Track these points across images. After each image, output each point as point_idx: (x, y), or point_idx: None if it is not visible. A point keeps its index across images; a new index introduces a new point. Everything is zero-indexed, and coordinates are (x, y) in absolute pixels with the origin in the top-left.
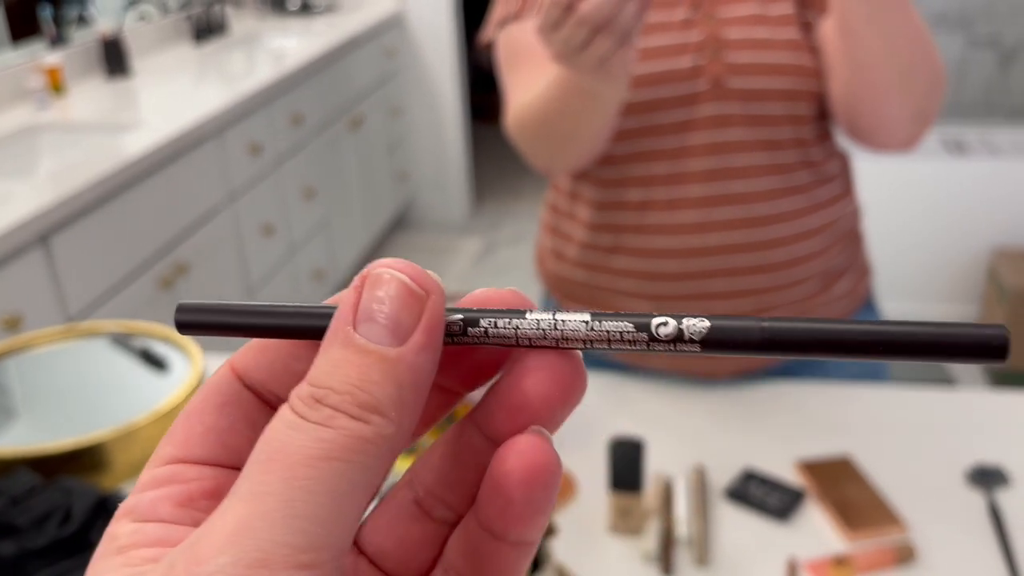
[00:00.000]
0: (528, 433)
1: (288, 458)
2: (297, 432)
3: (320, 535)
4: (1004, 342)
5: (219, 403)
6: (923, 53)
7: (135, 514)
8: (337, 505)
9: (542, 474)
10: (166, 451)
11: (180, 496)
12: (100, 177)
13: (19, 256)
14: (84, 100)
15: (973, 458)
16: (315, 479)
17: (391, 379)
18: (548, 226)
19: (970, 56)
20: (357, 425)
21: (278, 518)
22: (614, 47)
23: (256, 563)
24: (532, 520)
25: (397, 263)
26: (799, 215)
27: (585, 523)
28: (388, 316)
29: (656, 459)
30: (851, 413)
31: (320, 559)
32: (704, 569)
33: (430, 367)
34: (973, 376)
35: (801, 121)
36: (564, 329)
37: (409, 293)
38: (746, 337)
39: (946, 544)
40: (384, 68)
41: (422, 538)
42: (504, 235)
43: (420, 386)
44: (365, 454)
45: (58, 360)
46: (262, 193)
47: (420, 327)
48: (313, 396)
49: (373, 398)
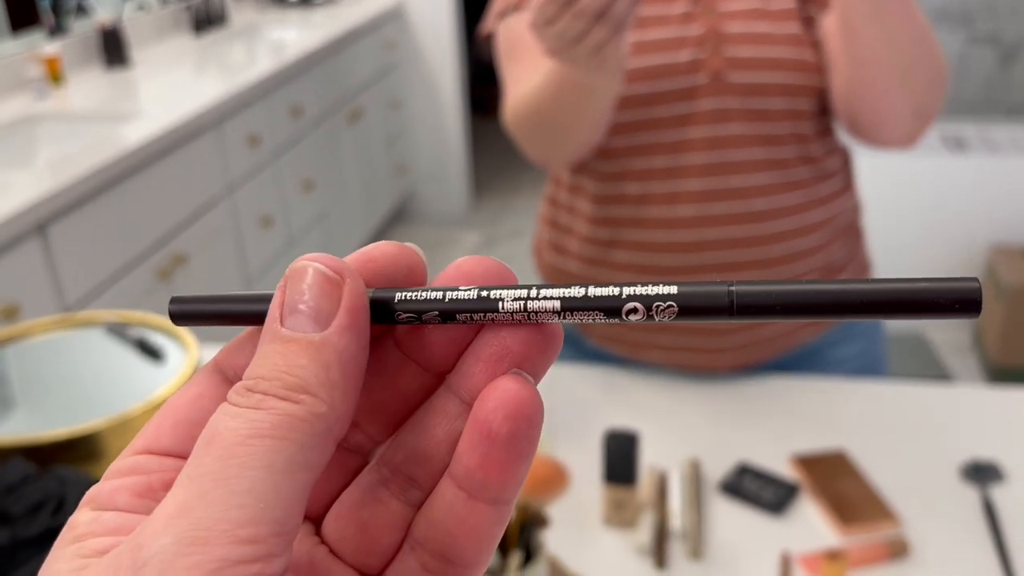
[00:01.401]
0: (509, 374)
1: (223, 441)
2: (231, 418)
3: (259, 510)
4: (977, 295)
5: (194, 395)
6: (925, 50)
7: (95, 503)
8: (274, 480)
9: (526, 408)
10: (136, 442)
11: (139, 486)
12: (98, 167)
13: (16, 245)
14: (83, 90)
15: (968, 454)
16: (249, 455)
17: (317, 361)
18: (547, 219)
19: (970, 53)
20: (286, 404)
21: (215, 497)
22: (608, 36)
23: (196, 541)
24: (514, 468)
25: (315, 255)
26: (798, 210)
27: (579, 515)
28: (309, 305)
29: (651, 452)
30: (846, 408)
31: (260, 534)
32: (697, 562)
33: (356, 347)
34: (970, 372)
35: (801, 116)
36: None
37: (326, 280)
38: (716, 303)
39: (940, 539)
40: (384, 60)
41: (387, 522)
42: (503, 229)
43: (347, 365)
44: (299, 431)
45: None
46: (261, 185)
47: (340, 310)
48: (245, 386)
49: (301, 380)
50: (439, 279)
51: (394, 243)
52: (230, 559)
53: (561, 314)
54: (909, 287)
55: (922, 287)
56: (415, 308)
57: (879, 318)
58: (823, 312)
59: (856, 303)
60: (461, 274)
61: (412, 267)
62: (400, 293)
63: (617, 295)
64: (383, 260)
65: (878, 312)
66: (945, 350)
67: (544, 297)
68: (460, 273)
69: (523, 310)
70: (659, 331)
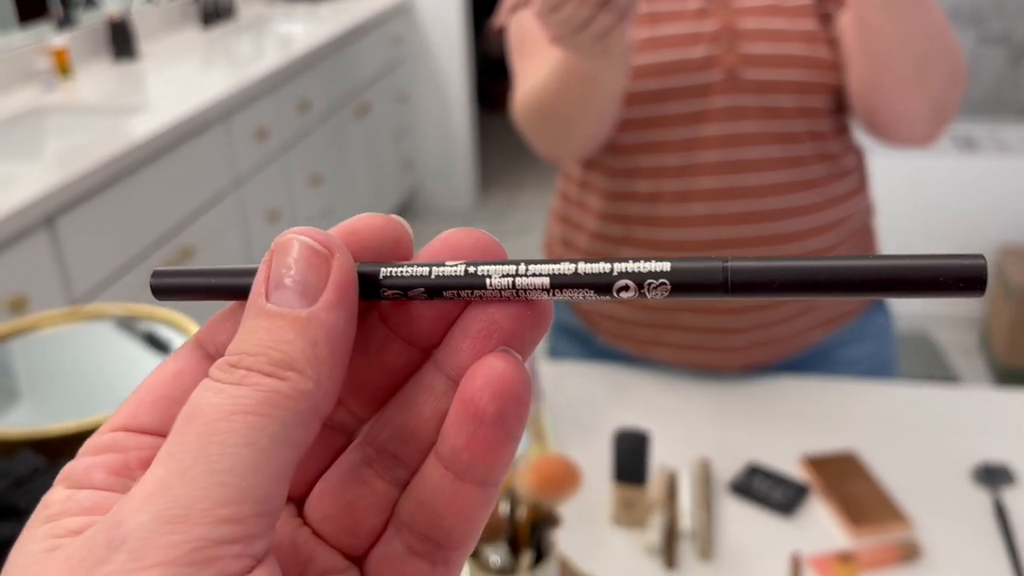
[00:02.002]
0: (497, 352)
1: (204, 417)
2: (213, 394)
3: (241, 488)
4: (982, 272)
5: (174, 371)
6: (941, 47)
7: (69, 481)
8: (257, 458)
9: (514, 387)
10: (114, 419)
11: (116, 464)
12: (106, 160)
13: (24, 238)
14: (91, 83)
15: (979, 456)
16: (231, 432)
17: (304, 337)
18: (558, 215)
19: (981, 53)
20: (271, 381)
21: (195, 474)
22: (614, 22)
23: (175, 519)
24: (501, 448)
25: (302, 228)
26: (813, 210)
27: (589, 515)
28: (295, 279)
29: (661, 452)
30: (857, 409)
31: (241, 513)
32: (707, 563)
33: (344, 324)
34: (977, 373)
35: (816, 114)
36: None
37: (314, 254)
38: (709, 280)
39: (951, 542)
40: (391, 55)
41: (372, 502)
42: (510, 224)
43: (335, 342)
44: (284, 409)
45: (62, 342)
46: (268, 178)
47: (329, 285)
48: (228, 362)
49: (287, 356)
50: (425, 252)
51: (380, 215)
52: (210, 539)
53: (551, 291)
54: (911, 264)
55: (925, 264)
56: (401, 284)
57: (879, 296)
58: (821, 289)
59: (856, 280)
60: (448, 247)
61: (398, 240)
62: (385, 268)
63: (608, 272)
64: (367, 233)
65: (878, 290)
66: (952, 351)
67: (533, 274)
68: (447, 246)
69: (511, 287)
70: (669, 329)
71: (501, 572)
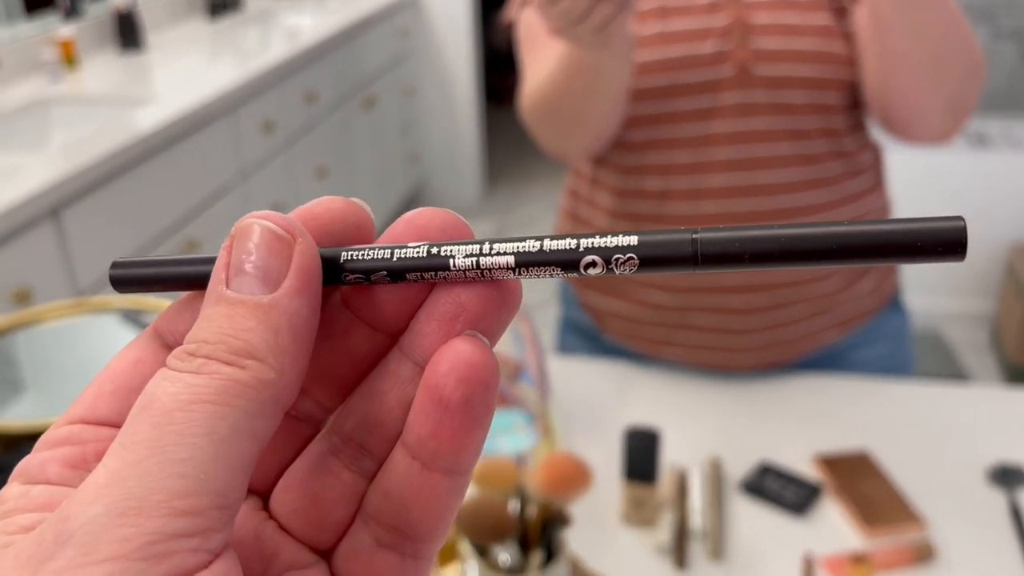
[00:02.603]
0: (463, 336)
1: (161, 406)
2: (170, 383)
3: (199, 480)
4: (961, 235)
5: (133, 360)
6: (958, 42)
7: (24, 476)
8: (216, 448)
9: (481, 372)
10: (72, 411)
11: (72, 457)
12: (112, 151)
13: (30, 229)
14: (97, 74)
15: (994, 456)
16: (189, 421)
17: (265, 325)
18: (567, 212)
19: (993, 48)
20: (231, 369)
21: (151, 465)
22: (613, 13)
23: (129, 511)
24: (468, 435)
25: (263, 213)
26: (826, 208)
27: (599, 514)
28: (256, 265)
29: (671, 450)
30: (870, 408)
31: (200, 506)
32: (718, 562)
33: (307, 311)
34: (988, 371)
35: (830, 111)
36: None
37: (276, 239)
38: (679, 253)
39: (966, 543)
40: (398, 48)
41: (338, 494)
42: (517, 218)
43: (298, 330)
44: (244, 398)
45: (67, 335)
46: (274, 171)
47: (291, 271)
48: (186, 351)
49: (247, 344)
50: (388, 233)
51: (339, 198)
52: (165, 532)
53: (516, 270)
54: (888, 229)
55: (902, 228)
56: (362, 268)
57: (856, 264)
58: (795, 259)
59: (831, 248)
60: (412, 228)
61: (360, 224)
62: (346, 252)
63: (574, 248)
64: (327, 216)
65: (855, 257)
66: (963, 349)
67: (497, 252)
68: (412, 227)
69: (475, 267)
70: (679, 329)
71: (511, 572)
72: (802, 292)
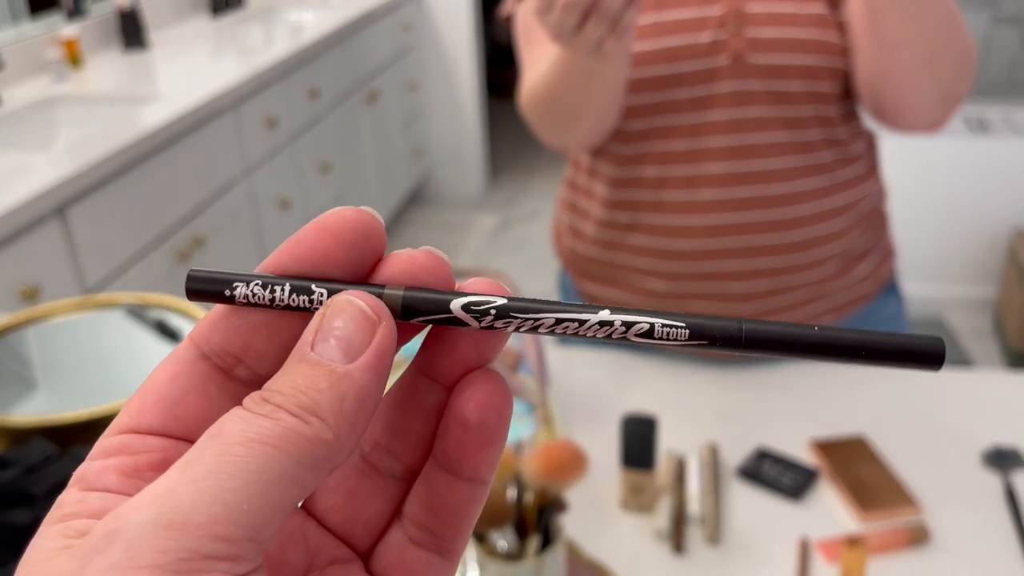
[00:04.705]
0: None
1: (228, 438)
2: (240, 421)
3: (242, 511)
4: (940, 353)
5: (172, 373)
6: (951, 33)
7: (83, 483)
8: (264, 487)
9: (496, 400)
10: (120, 419)
11: (127, 467)
12: (117, 149)
13: (36, 227)
14: (101, 72)
15: (990, 440)
16: (247, 456)
17: (335, 390)
18: (565, 203)
19: (994, 34)
20: (295, 421)
21: (204, 487)
22: (606, 32)
23: (173, 525)
24: (486, 449)
25: (357, 292)
26: (820, 195)
27: (596, 500)
28: (340, 336)
29: (669, 437)
30: (866, 393)
31: (235, 535)
32: (715, 547)
33: (375, 387)
34: (990, 357)
35: (824, 99)
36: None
37: (364, 317)
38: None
39: (961, 526)
40: (401, 42)
41: (372, 491)
42: (520, 211)
43: (363, 402)
44: (300, 449)
45: (74, 331)
46: (278, 167)
47: (370, 349)
48: (261, 396)
49: (315, 403)
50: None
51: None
52: (200, 552)
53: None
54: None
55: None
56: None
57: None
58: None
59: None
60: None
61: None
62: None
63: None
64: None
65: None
66: (965, 335)
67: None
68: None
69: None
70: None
71: (508, 557)
72: (801, 278)
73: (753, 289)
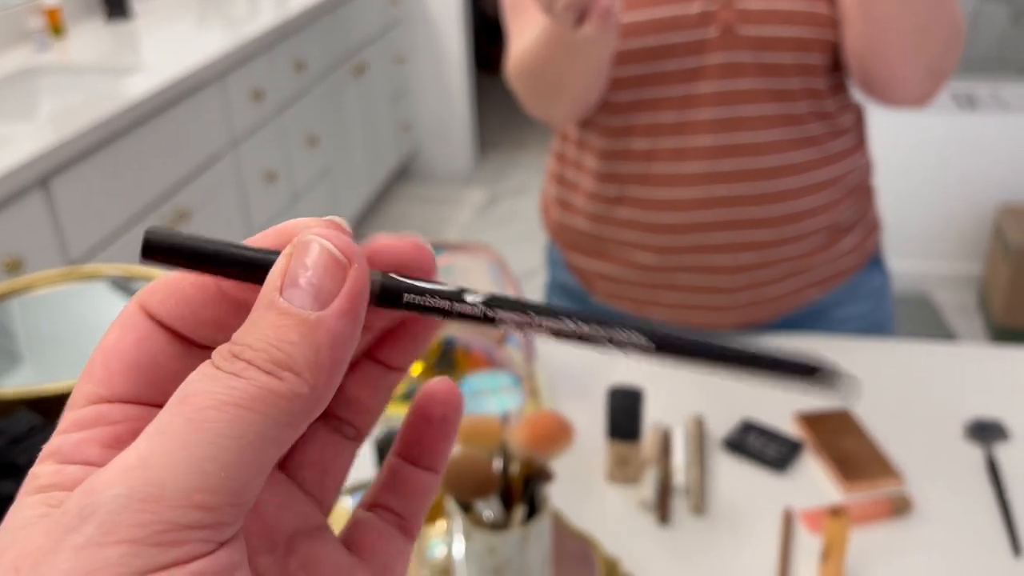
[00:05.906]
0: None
1: (197, 402)
2: (209, 380)
3: (220, 478)
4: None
5: (135, 339)
6: (940, 7)
7: (59, 456)
8: (241, 451)
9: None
10: (86, 389)
11: (108, 437)
12: (100, 120)
13: (19, 199)
14: (84, 42)
15: (972, 412)
16: (221, 422)
17: (308, 341)
18: (554, 175)
19: (983, 10)
20: (268, 379)
21: (179, 457)
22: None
23: (150, 498)
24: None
25: (325, 231)
26: (809, 167)
27: (582, 471)
28: (311, 282)
29: (655, 409)
30: (851, 366)
31: (216, 502)
32: (700, 518)
33: (350, 333)
34: (975, 333)
35: (814, 71)
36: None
37: (333, 261)
38: None
39: (943, 497)
40: (388, 15)
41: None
42: (508, 186)
43: (338, 351)
44: (276, 408)
45: (59, 303)
46: (264, 139)
47: (342, 293)
48: (231, 351)
49: (288, 356)
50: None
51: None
52: (179, 523)
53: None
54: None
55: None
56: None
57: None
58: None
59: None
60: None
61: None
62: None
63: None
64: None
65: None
66: (950, 311)
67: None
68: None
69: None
70: (665, 289)
71: (494, 526)
72: (787, 251)
73: (740, 262)
